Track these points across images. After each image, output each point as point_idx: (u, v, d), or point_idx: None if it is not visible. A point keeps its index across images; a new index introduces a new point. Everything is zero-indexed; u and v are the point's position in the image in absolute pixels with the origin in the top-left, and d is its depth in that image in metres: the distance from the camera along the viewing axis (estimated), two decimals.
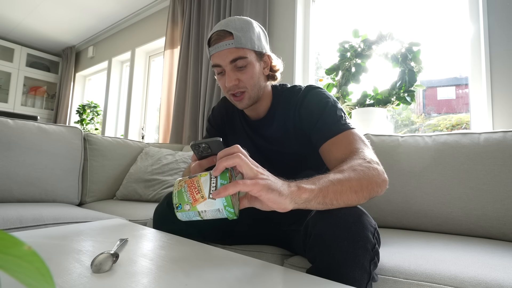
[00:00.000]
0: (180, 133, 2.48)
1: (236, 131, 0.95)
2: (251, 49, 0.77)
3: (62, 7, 3.23)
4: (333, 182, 0.53)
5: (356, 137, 0.70)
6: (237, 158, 0.50)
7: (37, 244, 0.60)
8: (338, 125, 0.72)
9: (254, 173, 0.50)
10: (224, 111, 0.97)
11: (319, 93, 0.80)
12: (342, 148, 0.68)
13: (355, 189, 0.54)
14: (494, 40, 1.34)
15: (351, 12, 1.97)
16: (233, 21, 0.76)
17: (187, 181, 0.52)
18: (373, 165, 0.60)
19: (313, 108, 0.78)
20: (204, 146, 0.59)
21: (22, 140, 1.41)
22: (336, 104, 0.77)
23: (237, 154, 0.50)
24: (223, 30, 0.75)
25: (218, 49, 0.76)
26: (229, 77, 0.77)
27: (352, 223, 0.52)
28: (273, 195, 0.48)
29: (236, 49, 0.75)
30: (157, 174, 1.72)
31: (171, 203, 0.84)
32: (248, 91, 0.79)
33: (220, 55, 0.76)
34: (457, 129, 1.60)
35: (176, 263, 0.51)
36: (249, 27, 0.77)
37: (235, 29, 0.75)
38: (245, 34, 0.76)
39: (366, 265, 0.51)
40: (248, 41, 0.76)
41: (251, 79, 0.79)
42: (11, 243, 0.14)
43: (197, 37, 2.47)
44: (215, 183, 0.50)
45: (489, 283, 0.58)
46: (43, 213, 1.09)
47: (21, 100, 4.11)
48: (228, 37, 0.75)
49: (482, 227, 0.97)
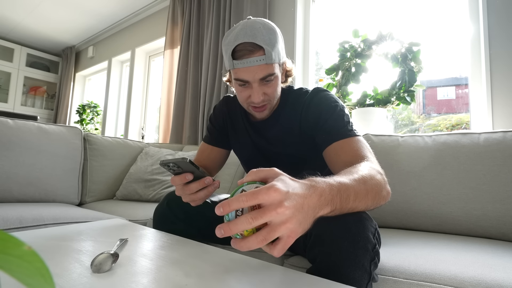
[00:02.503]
0: (180, 133, 2.48)
1: (237, 130, 0.94)
2: (278, 62, 0.75)
3: (62, 7, 3.23)
4: (356, 195, 0.50)
5: (363, 144, 0.70)
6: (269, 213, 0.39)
7: (37, 244, 0.60)
8: (346, 130, 0.72)
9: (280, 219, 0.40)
10: (226, 111, 0.96)
11: (328, 96, 0.80)
12: (351, 153, 0.68)
13: (368, 204, 0.53)
14: (494, 40, 1.34)
15: (351, 12, 1.97)
16: (260, 32, 0.70)
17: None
18: (383, 178, 0.60)
19: (321, 110, 0.77)
20: (172, 165, 0.58)
21: (22, 140, 1.41)
22: (344, 109, 0.77)
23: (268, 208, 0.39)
24: (253, 43, 0.70)
25: (248, 65, 0.71)
26: (257, 93, 0.75)
27: (353, 223, 0.52)
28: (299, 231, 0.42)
29: (266, 66, 0.72)
30: (157, 174, 1.72)
31: (171, 203, 0.84)
32: (270, 102, 0.79)
33: (249, 70, 0.72)
34: (457, 129, 1.60)
35: (176, 263, 0.51)
36: (276, 39, 0.73)
37: (265, 42, 0.70)
38: (274, 47, 0.72)
39: (367, 265, 0.51)
40: (277, 55, 0.74)
41: (275, 91, 0.78)
42: (11, 243, 0.14)
43: (197, 37, 2.47)
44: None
45: (489, 283, 0.58)
46: (43, 213, 1.09)
47: (21, 100, 4.11)
48: (259, 51, 0.70)
49: (482, 227, 0.97)
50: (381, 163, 0.67)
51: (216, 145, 0.95)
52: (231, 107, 0.96)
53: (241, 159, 0.99)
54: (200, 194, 0.66)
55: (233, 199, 0.40)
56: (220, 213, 0.40)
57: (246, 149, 0.93)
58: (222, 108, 0.97)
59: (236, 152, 0.98)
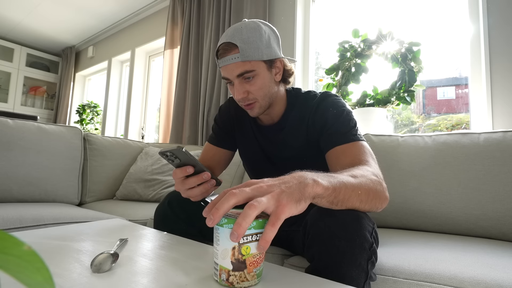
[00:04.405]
0: (180, 133, 2.48)
1: (244, 131, 0.93)
2: (259, 60, 0.75)
3: (62, 7, 3.23)
4: (347, 186, 0.52)
5: (365, 149, 0.69)
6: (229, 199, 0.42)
7: (37, 244, 0.60)
8: (349, 134, 0.72)
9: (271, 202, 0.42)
10: (233, 111, 0.95)
11: (336, 101, 0.80)
12: (351, 156, 0.68)
13: (362, 198, 0.54)
14: (494, 40, 1.34)
15: (351, 12, 1.97)
16: (239, 31, 0.73)
17: None
18: (380, 181, 0.60)
19: (328, 115, 0.77)
20: (170, 155, 0.59)
21: (22, 140, 1.41)
22: (350, 114, 0.77)
23: (226, 198, 0.42)
24: (229, 42, 0.73)
25: (225, 63, 0.74)
26: (237, 90, 0.76)
27: (350, 222, 0.52)
28: (293, 209, 0.43)
29: (242, 63, 0.73)
30: (157, 174, 1.72)
31: (172, 203, 0.84)
32: (258, 101, 0.79)
33: (227, 69, 0.75)
34: (457, 129, 1.60)
35: (176, 263, 0.51)
36: (256, 36, 0.74)
37: (242, 40, 0.72)
38: (251, 45, 0.73)
39: (364, 264, 0.51)
40: (255, 52, 0.73)
41: (260, 90, 0.77)
42: (11, 243, 0.14)
43: (197, 37, 2.47)
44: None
45: (488, 283, 0.58)
46: (43, 213, 1.09)
47: (21, 100, 4.11)
48: (234, 50, 0.73)
49: (482, 227, 0.97)
50: (381, 163, 0.67)
51: (221, 146, 0.94)
52: (237, 107, 0.95)
53: (246, 161, 0.98)
54: (196, 190, 0.67)
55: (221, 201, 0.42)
56: (210, 224, 0.41)
57: (252, 152, 0.93)
58: (229, 108, 0.97)
59: (241, 154, 0.98)
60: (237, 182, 1.64)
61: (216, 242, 0.43)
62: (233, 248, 0.41)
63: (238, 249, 0.41)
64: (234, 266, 0.41)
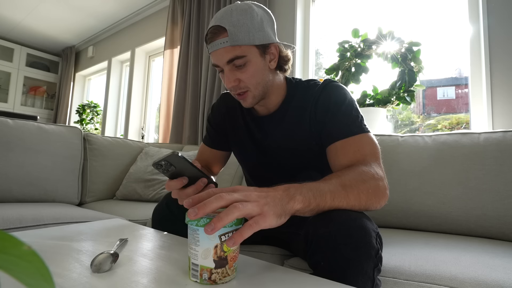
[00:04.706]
0: (180, 133, 2.48)
1: (235, 128, 0.89)
2: (250, 44, 0.68)
3: (62, 7, 3.23)
4: (334, 195, 0.52)
5: (367, 142, 0.66)
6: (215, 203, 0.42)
7: (37, 244, 0.60)
8: (351, 127, 0.67)
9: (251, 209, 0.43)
10: (224, 109, 0.91)
11: (337, 88, 0.74)
12: (349, 154, 0.65)
13: (353, 204, 0.54)
14: (494, 40, 1.34)
15: (351, 12, 1.97)
16: (229, 14, 0.67)
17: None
18: (376, 179, 0.58)
19: (329, 104, 0.72)
20: (165, 164, 0.53)
21: (22, 140, 1.41)
22: (353, 102, 0.72)
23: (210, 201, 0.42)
24: (218, 25, 0.67)
25: (214, 48, 0.69)
26: (228, 78, 0.71)
27: (355, 229, 0.50)
28: (271, 222, 0.45)
29: (232, 48, 0.67)
30: (157, 174, 1.72)
31: (170, 204, 0.84)
32: (251, 90, 0.73)
33: (216, 54, 0.70)
34: (457, 129, 1.60)
35: (176, 263, 0.51)
36: (246, 18, 0.68)
37: (231, 23, 0.66)
38: (242, 28, 0.67)
39: (370, 272, 0.49)
40: (246, 36, 0.67)
41: (253, 77, 0.71)
42: (11, 243, 0.14)
43: (197, 37, 2.47)
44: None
45: (489, 284, 0.58)
46: (43, 213, 1.09)
47: (21, 100, 4.11)
48: (223, 34, 0.67)
49: (482, 227, 0.97)
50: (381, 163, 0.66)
51: (214, 148, 0.92)
52: (229, 104, 0.90)
53: (241, 161, 0.93)
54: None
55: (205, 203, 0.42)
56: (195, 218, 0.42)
57: (245, 149, 0.87)
58: (220, 106, 0.92)
59: (235, 153, 0.93)
60: (237, 182, 1.64)
61: (194, 243, 0.43)
62: (215, 247, 0.42)
63: (220, 247, 0.42)
64: (217, 263, 0.42)
